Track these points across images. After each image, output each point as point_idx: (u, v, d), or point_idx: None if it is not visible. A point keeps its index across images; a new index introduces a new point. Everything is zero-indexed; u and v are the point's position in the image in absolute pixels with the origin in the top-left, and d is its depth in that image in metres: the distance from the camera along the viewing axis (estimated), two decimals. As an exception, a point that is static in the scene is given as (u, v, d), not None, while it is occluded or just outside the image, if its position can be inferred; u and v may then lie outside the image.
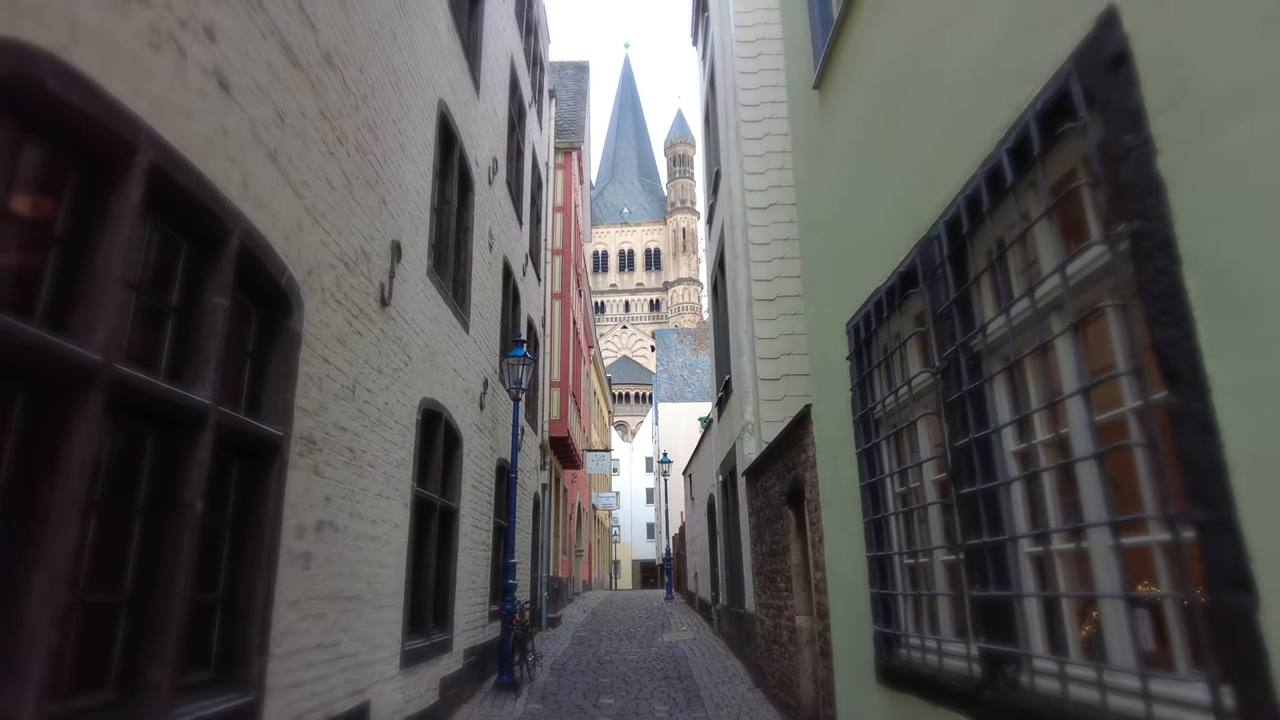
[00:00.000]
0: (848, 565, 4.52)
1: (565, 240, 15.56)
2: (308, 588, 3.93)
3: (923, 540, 3.53)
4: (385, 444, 5.19)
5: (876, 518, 3.92)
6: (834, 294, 4.70)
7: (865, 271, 4.03)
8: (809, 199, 5.41)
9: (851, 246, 4.35)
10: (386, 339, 5.26)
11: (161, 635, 2.73)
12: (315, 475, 4.04)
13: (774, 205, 8.96)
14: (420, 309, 6.09)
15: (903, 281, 3.42)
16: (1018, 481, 2.60)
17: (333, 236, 4.32)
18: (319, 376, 4.11)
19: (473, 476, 8.08)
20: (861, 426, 4.12)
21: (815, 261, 5.22)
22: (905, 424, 3.53)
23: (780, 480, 6.41)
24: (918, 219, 3.28)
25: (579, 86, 18.39)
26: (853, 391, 4.25)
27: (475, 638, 8.10)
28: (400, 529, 5.51)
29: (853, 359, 4.25)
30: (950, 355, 2.94)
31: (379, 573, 5.04)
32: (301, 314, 3.89)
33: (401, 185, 5.66)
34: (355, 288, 4.67)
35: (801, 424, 5.49)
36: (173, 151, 2.73)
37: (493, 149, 9.37)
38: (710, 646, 11.40)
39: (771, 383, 8.36)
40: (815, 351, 5.24)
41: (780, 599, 6.59)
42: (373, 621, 4.90)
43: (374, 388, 4.99)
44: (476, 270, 8.32)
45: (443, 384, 6.80)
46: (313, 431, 4.02)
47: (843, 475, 4.54)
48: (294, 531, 3.76)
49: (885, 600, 3.85)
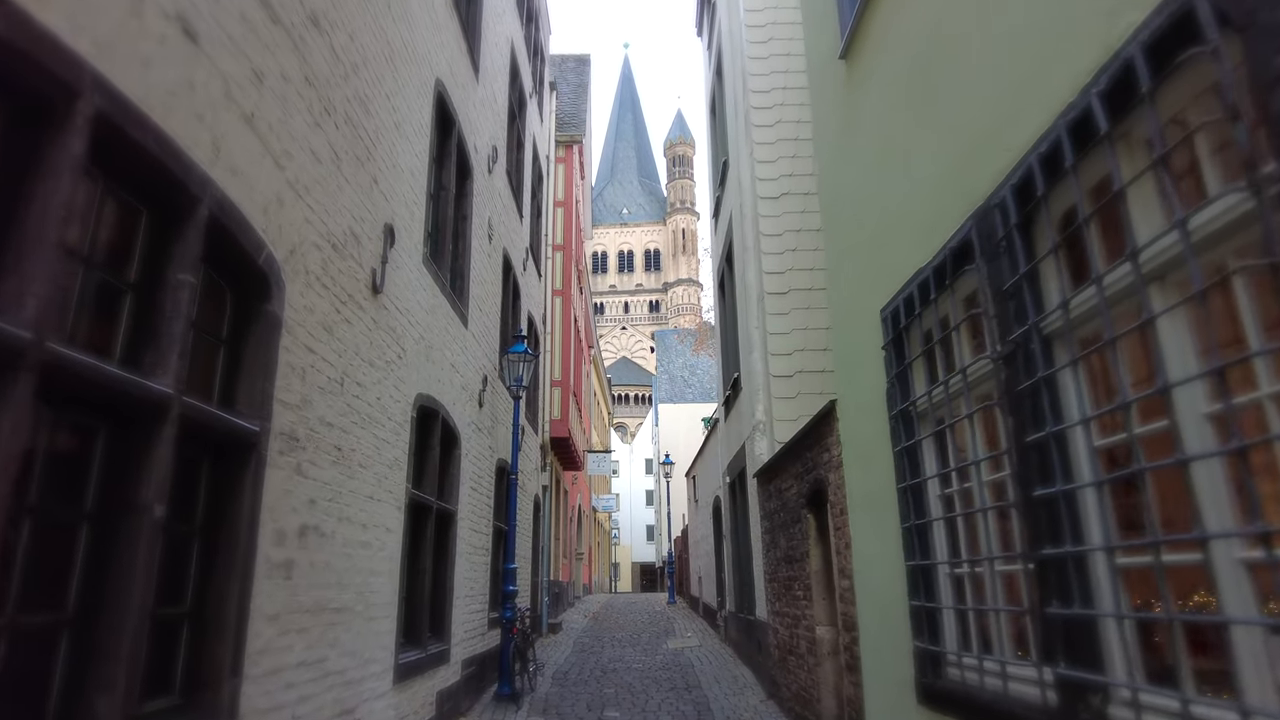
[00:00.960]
0: (881, 574, 4.15)
1: (566, 236, 15.19)
2: (289, 599, 3.55)
3: (974, 549, 3.17)
4: (377, 442, 4.82)
5: (917, 523, 3.55)
6: (865, 278, 4.33)
7: (904, 252, 3.66)
8: (834, 178, 5.05)
9: (886, 226, 3.98)
10: (379, 329, 4.89)
11: (111, 660, 2.35)
12: (298, 475, 3.67)
13: (786, 195, 8.60)
14: (415, 299, 5.72)
15: (954, 258, 3.06)
16: (1106, 483, 2.23)
17: (318, 214, 3.95)
18: (302, 367, 3.74)
19: (471, 478, 7.71)
20: (900, 423, 3.75)
21: (842, 244, 4.86)
22: (955, 419, 3.16)
23: (798, 482, 6.04)
24: (972, 189, 2.92)
25: (580, 80, 18.03)
26: (889, 384, 3.88)
27: (474, 647, 7.72)
28: (394, 534, 5.13)
29: (889, 349, 3.88)
30: (1018, 338, 2.57)
31: (370, 581, 4.66)
32: (282, 297, 3.52)
33: (395, 166, 5.29)
34: (344, 272, 4.30)
35: (824, 421, 5.12)
36: (125, 101, 2.37)
37: (492, 137, 9.01)
38: (717, 654, 11.02)
39: (784, 380, 7.99)
40: (841, 342, 4.87)
41: (797, 607, 6.22)
42: (363, 634, 4.52)
43: (365, 381, 4.61)
44: (475, 262, 7.96)
45: (439, 379, 6.42)
46: (295, 427, 3.64)
47: (876, 476, 4.17)
48: (273, 537, 3.39)
49: (928, 614, 3.48)
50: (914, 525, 3.55)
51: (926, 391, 3.38)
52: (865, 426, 4.34)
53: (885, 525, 4.02)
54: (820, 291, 8.22)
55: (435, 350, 6.27)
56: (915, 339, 3.66)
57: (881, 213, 4.09)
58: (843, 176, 4.84)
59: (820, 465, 5.28)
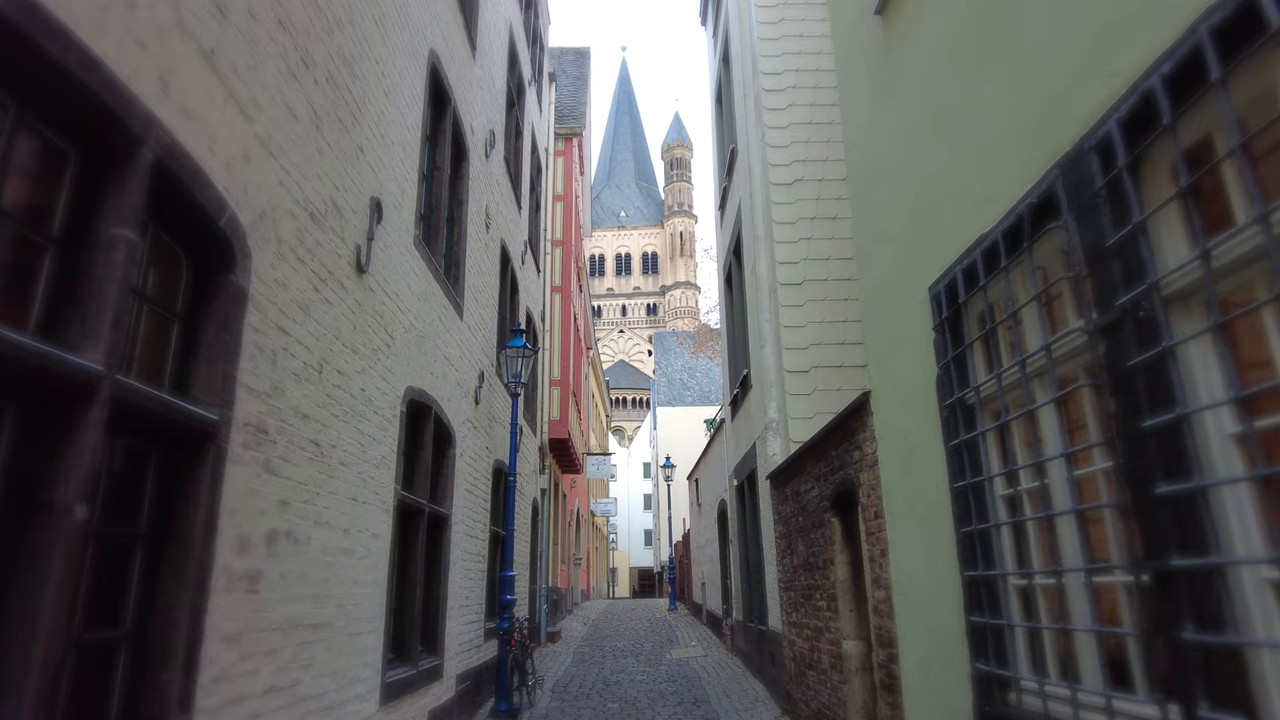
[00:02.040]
0: (927, 586, 3.70)
1: (566, 231, 14.73)
2: (254, 616, 3.08)
3: (1050, 558, 2.71)
4: (361, 438, 4.35)
5: (978, 528, 3.10)
6: (906, 256, 3.88)
7: (957, 221, 3.22)
8: (866, 152, 4.61)
9: (933, 195, 3.54)
10: (364, 312, 4.42)
11: (16, 697, 1.88)
12: (267, 473, 3.20)
13: (799, 181, 8.16)
14: (405, 283, 5.26)
15: (1033, 217, 2.60)
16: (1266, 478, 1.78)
17: (294, 178, 3.50)
18: (273, 349, 3.28)
19: (466, 479, 7.23)
20: (954, 414, 3.30)
21: (876, 223, 4.41)
22: (1031, 406, 2.70)
23: (821, 483, 5.58)
24: (1056, 136, 2.47)
25: (579, 72, 17.60)
26: (940, 372, 3.43)
27: (469, 660, 7.23)
28: (380, 540, 4.66)
29: (940, 331, 3.43)
30: (1126, 304, 2.12)
31: (353, 593, 4.19)
32: (249, 268, 3.06)
33: (384, 136, 4.83)
34: (324, 245, 3.84)
35: (855, 416, 4.66)
36: (36, 7, 1.91)
37: (490, 120, 8.56)
38: (725, 665, 10.54)
39: (800, 375, 7.53)
40: (876, 329, 4.42)
41: (819, 619, 5.75)
42: (345, 652, 4.05)
43: (348, 370, 4.15)
44: (471, 250, 7.50)
45: (432, 372, 5.96)
46: (264, 418, 3.18)
47: (921, 475, 3.72)
48: (235, 545, 2.92)
49: (990, 632, 3.02)
50: (976, 530, 3.10)
51: (995, 374, 2.92)
52: (908, 420, 3.89)
53: (934, 530, 3.56)
54: (837, 283, 7.79)
55: (428, 341, 5.80)
56: (973, 318, 3.21)
57: (926, 181, 3.65)
58: (877, 148, 4.40)
59: (849, 464, 4.83)
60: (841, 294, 7.73)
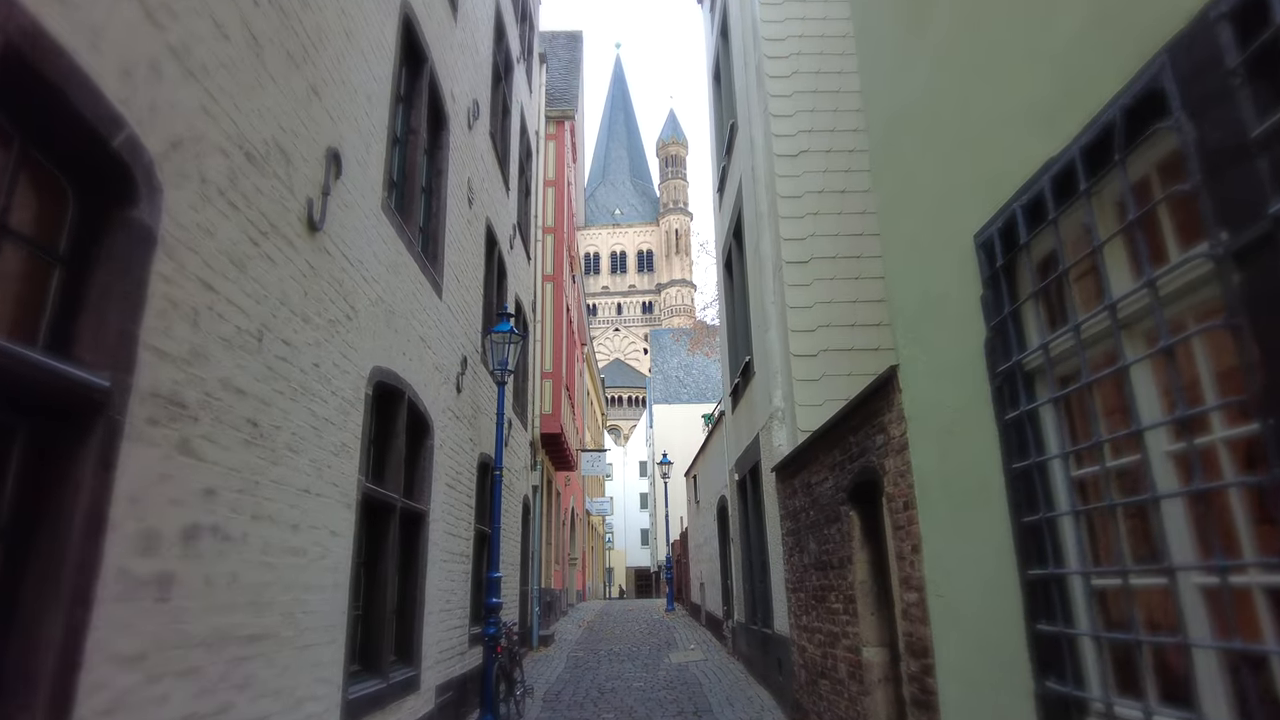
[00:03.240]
0: (972, 587, 3.16)
1: (558, 218, 14.16)
2: (166, 630, 2.52)
3: (1142, 552, 2.18)
4: (316, 421, 3.80)
5: (1045, 517, 2.56)
6: (943, 205, 3.35)
7: (1015, 149, 2.68)
8: (892, 94, 4.07)
9: (983, 124, 3.00)
10: (317, 277, 3.86)
11: None
12: (185, 456, 2.65)
13: (805, 153, 7.62)
14: (372, 251, 4.70)
15: (1129, 121, 2.06)
16: None
17: (224, 107, 2.94)
18: (194, 308, 2.72)
19: (447, 473, 6.68)
20: (1009, 383, 2.76)
21: (904, 172, 3.87)
22: (1127, 362, 2.16)
23: (837, 473, 5.04)
24: (1162, 13, 1.93)
25: (571, 56, 17.02)
26: (990, 335, 2.89)
27: (451, 669, 6.68)
28: (340, 538, 4.10)
29: (991, 286, 2.89)
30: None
31: (305, 598, 3.63)
32: (158, 204, 2.50)
33: (345, 82, 4.28)
34: (265, 194, 3.28)
35: (879, 395, 4.13)
36: None
37: (473, 90, 8.00)
38: (727, 670, 10.00)
39: (807, 360, 7.00)
40: (903, 294, 3.88)
41: (834, 623, 5.21)
42: (293, 667, 3.49)
43: (296, 341, 3.59)
44: (452, 226, 6.93)
45: (405, 353, 5.40)
46: (181, 389, 2.62)
47: (964, 458, 3.18)
48: (136, 542, 2.37)
49: (1058, 643, 2.49)
50: (1044, 520, 2.56)
51: (1070, 327, 2.38)
52: (946, 394, 3.35)
53: (981, 522, 3.03)
54: (846, 260, 7.26)
55: (399, 318, 5.24)
56: (1034, 266, 2.66)
57: (971, 113, 3.11)
58: (905, 90, 3.86)
59: (872, 450, 4.29)
60: (851, 272, 7.20)
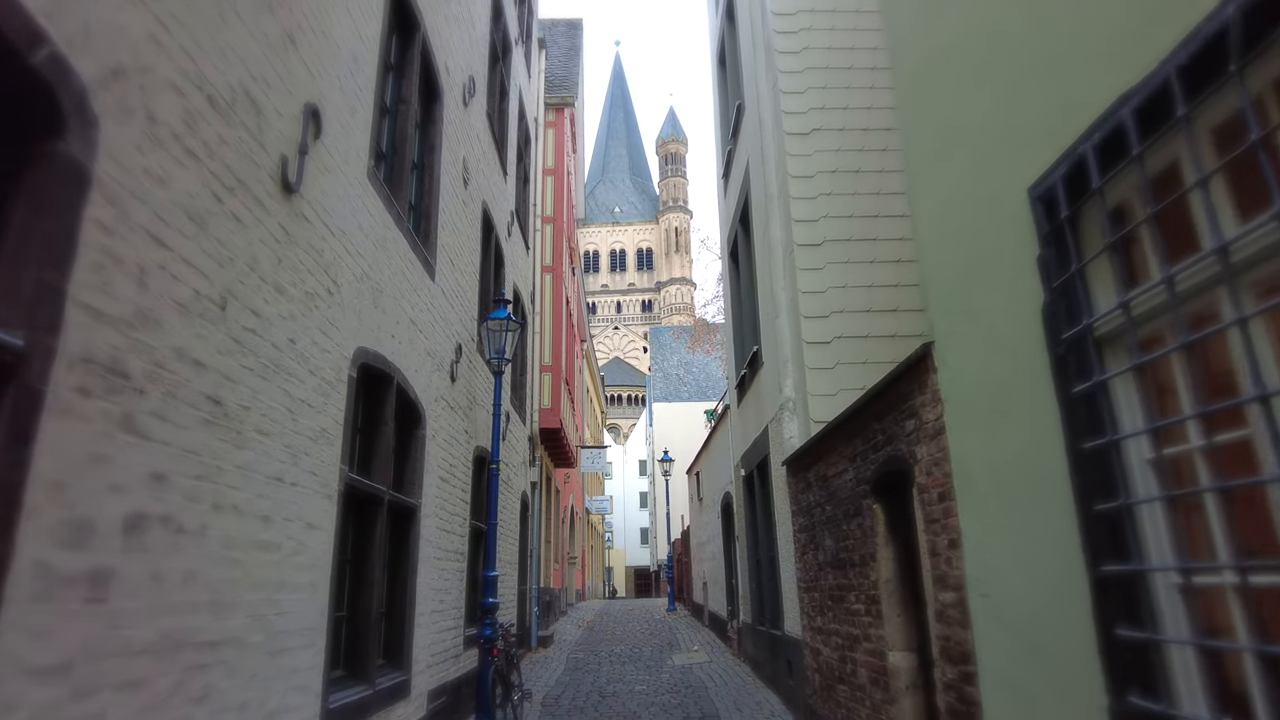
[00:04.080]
0: (1024, 584, 2.81)
1: (557, 208, 13.80)
2: (101, 636, 2.17)
3: (1246, 544, 1.83)
4: (291, 402, 3.44)
5: (1121, 504, 2.21)
6: (992, 156, 2.99)
7: (1087, 80, 2.33)
8: (925, 43, 3.72)
9: (1044, 58, 2.64)
10: (294, 245, 3.51)
11: None
12: (128, 435, 2.29)
13: (817, 131, 7.27)
14: (357, 222, 4.34)
15: (1247, 27, 1.71)
16: None
17: (179, 41, 2.58)
18: (141, 265, 2.37)
19: (441, 466, 6.32)
20: (1077, 352, 2.41)
21: (941, 125, 3.52)
22: (1246, 313, 1.80)
23: (858, 464, 4.69)
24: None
25: (571, 44, 16.64)
26: (1050, 298, 2.54)
27: (445, 673, 6.32)
28: (319, 531, 3.74)
29: (1051, 243, 2.54)
30: None
31: (277, 598, 3.27)
32: (93, 139, 2.15)
33: (326, 35, 3.92)
34: (231, 144, 2.92)
35: (909, 377, 3.78)
36: None
37: (469, 66, 7.64)
38: (732, 673, 9.64)
39: (820, 347, 6.64)
40: (940, 261, 3.53)
41: (855, 625, 4.86)
42: (262, 675, 3.13)
43: (268, 313, 3.23)
44: (446, 206, 6.57)
45: (394, 336, 5.04)
46: (123, 356, 2.27)
47: (1015, 440, 2.83)
48: (60, 532, 2.01)
49: (1144, 651, 2.13)
50: (1124, 507, 2.21)
51: (1164, 279, 2.02)
52: (994, 369, 3.00)
53: (1038, 511, 2.68)
54: (861, 243, 6.91)
55: (387, 297, 4.88)
56: (1103, 216, 2.30)
57: (1023, 50, 2.76)
58: (941, 28, 3.50)
59: (900, 437, 3.93)
60: (866, 255, 6.85)
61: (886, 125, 7.17)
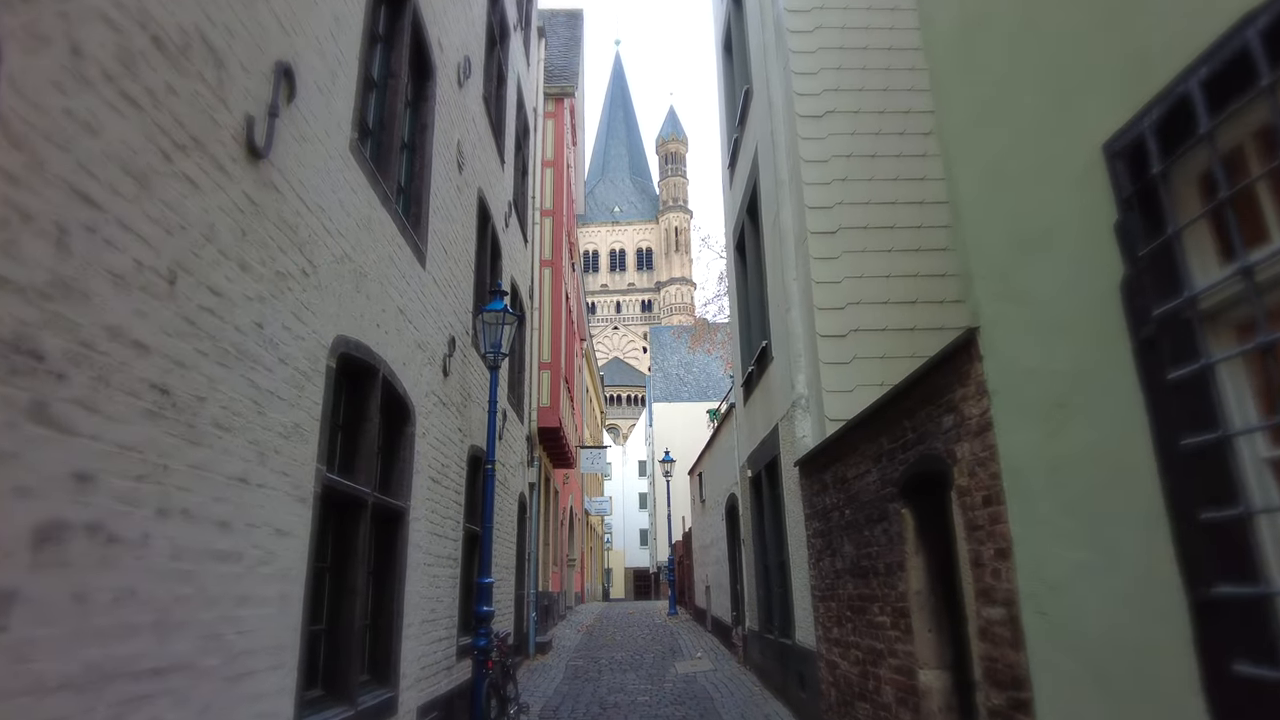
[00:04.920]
0: (1096, 603, 2.43)
1: (556, 200, 13.42)
2: (2, 673, 1.79)
3: None
4: (258, 394, 3.06)
5: (1243, 512, 1.84)
6: (1054, 112, 2.62)
7: (1163, 24, 1.96)
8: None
9: (1099, 7, 2.27)
10: (262, 217, 3.13)
11: None
12: (40, 427, 1.92)
13: (831, 114, 6.90)
14: (338, 198, 3.97)
15: None
16: None
17: (113, -33, 2.20)
18: (58, 222, 1.99)
19: (432, 466, 5.94)
20: (1169, 333, 2.04)
21: (989, 85, 3.15)
22: None
23: (884, 464, 4.31)
24: None
25: (571, 35, 16.27)
26: (1132, 272, 2.17)
27: (436, 686, 5.94)
28: (291, 538, 3.36)
29: (1132, 209, 2.17)
30: None
31: (238, 614, 2.90)
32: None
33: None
34: (182, 96, 2.55)
35: (948, 365, 3.40)
36: None
37: (464, 45, 7.26)
38: (739, 682, 9.26)
39: (836, 341, 6.27)
40: (986, 235, 3.16)
41: (878, 639, 4.48)
42: (219, 704, 2.75)
43: (230, 292, 2.86)
44: (438, 190, 6.20)
45: (379, 325, 4.66)
46: (34, 333, 1.89)
47: (1084, 436, 2.46)
48: (-56, 547, 1.63)
49: (1263, 690, 1.76)
50: (1244, 515, 1.83)
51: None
52: (1056, 356, 2.62)
53: (1112, 519, 2.31)
54: (879, 231, 6.54)
55: (372, 283, 4.50)
56: (1215, 166, 1.93)
57: None
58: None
59: (936, 435, 3.56)
60: (884, 244, 6.48)
61: (904, 108, 6.81)
